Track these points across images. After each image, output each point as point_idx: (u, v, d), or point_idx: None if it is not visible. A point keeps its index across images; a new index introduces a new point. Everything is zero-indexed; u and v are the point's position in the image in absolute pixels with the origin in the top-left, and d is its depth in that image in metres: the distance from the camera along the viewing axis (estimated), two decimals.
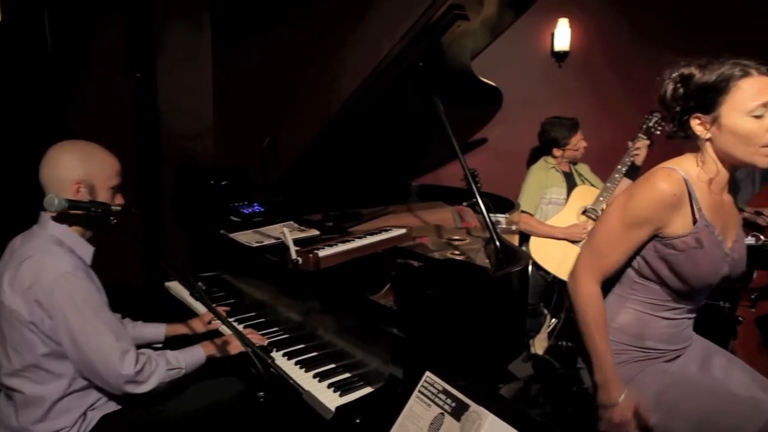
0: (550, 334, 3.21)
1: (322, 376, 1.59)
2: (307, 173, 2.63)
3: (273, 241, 2.14)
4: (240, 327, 1.93)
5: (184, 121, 3.33)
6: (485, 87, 2.49)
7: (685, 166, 1.45)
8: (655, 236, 1.45)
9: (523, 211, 3.01)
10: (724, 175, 1.45)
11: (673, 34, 3.49)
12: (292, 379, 1.46)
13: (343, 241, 1.93)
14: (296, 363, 1.68)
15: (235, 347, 1.70)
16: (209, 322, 1.95)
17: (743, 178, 3.17)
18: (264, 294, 2.07)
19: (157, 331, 1.94)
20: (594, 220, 2.99)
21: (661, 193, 1.39)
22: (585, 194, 3.06)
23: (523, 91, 3.46)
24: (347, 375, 1.61)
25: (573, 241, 2.98)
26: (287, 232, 1.80)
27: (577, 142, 3.10)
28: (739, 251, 1.51)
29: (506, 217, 2.41)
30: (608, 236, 1.48)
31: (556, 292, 3.16)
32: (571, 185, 3.13)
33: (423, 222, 2.55)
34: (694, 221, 1.42)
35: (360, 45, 3.38)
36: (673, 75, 1.45)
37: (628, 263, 1.52)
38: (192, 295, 1.50)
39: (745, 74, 1.33)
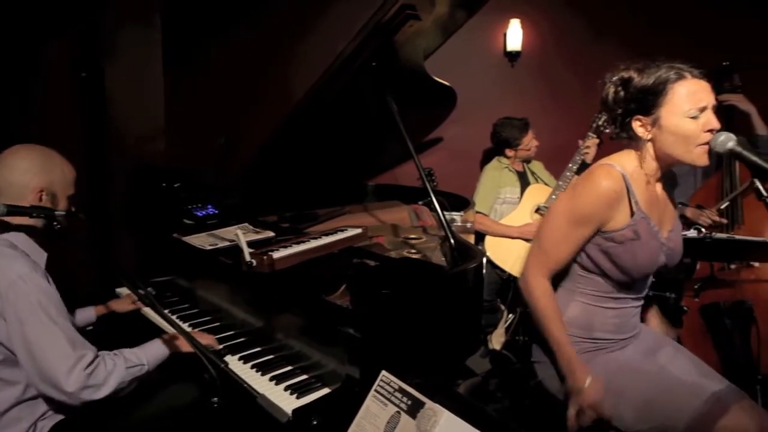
0: (507, 329, 3.27)
1: (278, 379, 1.57)
2: (262, 174, 2.60)
3: (227, 243, 2.10)
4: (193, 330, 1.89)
5: (134, 121, 3.23)
6: (439, 86, 2.51)
7: (622, 161, 1.51)
8: (598, 231, 1.50)
9: (477, 212, 3.06)
10: (661, 171, 1.53)
11: (624, 33, 3.61)
12: (246, 383, 1.44)
13: (298, 242, 1.91)
14: (252, 366, 1.65)
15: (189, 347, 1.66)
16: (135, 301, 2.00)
17: (685, 173, 3.30)
18: (219, 298, 2.03)
19: (87, 314, 1.96)
20: None
21: (604, 191, 1.44)
22: (538, 193, 3.13)
23: (477, 91, 3.51)
24: (304, 377, 1.59)
25: (527, 240, 3.04)
26: (241, 234, 1.77)
27: (529, 142, 3.16)
28: (674, 241, 1.58)
29: (461, 215, 2.44)
30: (554, 235, 1.52)
31: (512, 289, 3.22)
32: (524, 184, 3.20)
33: (379, 221, 2.56)
34: (632, 214, 1.48)
35: (316, 44, 3.36)
36: (614, 79, 1.51)
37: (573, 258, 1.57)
38: (141, 301, 1.46)
39: (680, 78, 1.40)
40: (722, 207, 3.01)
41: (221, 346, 1.76)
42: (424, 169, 3.17)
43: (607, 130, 1.59)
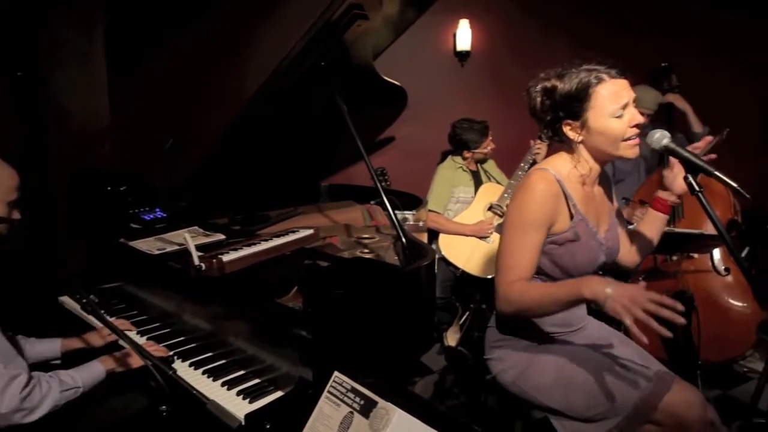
0: (461, 326, 3.31)
1: (230, 384, 1.55)
2: (212, 176, 2.55)
3: (176, 247, 2.05)
4: (142, 339, 1.83)
5: (76, 122, 3.11)
6: (389, 86, 2.52)
7: (556, 165, 1.56)
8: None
9: (431, 210, 3.08)
10: (596, 170, 1.58)
11: (572, 29, 3.73)
12: (195, 389, 1.41)
13: (249, 245, 1.89)
14: (204, 372, 1.62)
15: (137, 360, 1.61)
16: (109, 334, 1.84)
17: (630, 170, 3.43)
18: (168, 303, 1.98)
19: (52, 347, 1.79)
20: (500, 215, 3.11)
21: (542, 194, 1.48)
22: (491, 191, 3.18)
23: (428, 91, 3.55)
24: (257, 381, 1.57)
25: (481, 237, 3.09)
26: (189, 238, 1.73)
27: (487, 145, 3.21)
28: (612, 239, 1.64)
29: (413, 214, 2.46)
30: (511, 246, 1.51)
31: (466, 286, 3.26)
32: (478, 183, 3.24)
33: (332, 222, 2.55)
34: (571, 216, 1.53)
35: (266, 44, 3.32)
36: (538, 88, 1.55)
37: None
38: (83, 309, 1.41)
39: (600, 80, 1.45)
40: None
41: (171, 353, 1.72)
42: (377, 168, 3.20)
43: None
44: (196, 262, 1.71)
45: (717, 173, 1.26)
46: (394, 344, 1.70)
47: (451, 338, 3.29)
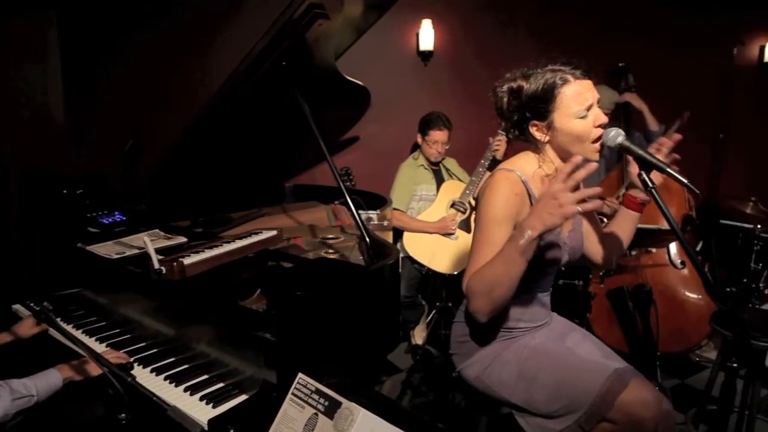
0: (428, 324, 3.33)
1: (193, 389, 1.52)
2: (173, 178, 2.50)
3: (136, 251, 2.01)
4: (102, 346, 1.79)
5: (31, 124, 3.01)
6: (352, 86, 2.52)
7: (520, 165, 1.57)
8: None
9: (395, 209, 3.09)
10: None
11: (532, 23, 3.79)
12: (156, 395, 1.38)
13: (211, 247, 1.86)
14: (165, 378, 1.59)
15: (95, 368, 1.57)
16: (38, 324, 1.80)
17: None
18: (129, 308, 1.94)
19: None
20: (462, 212, 3.14)
21: (507, 191, 1.49)
22: (453, 188, 3.21)
23: (392, 90, 3.56)
24: (221, 385, 1.55)
25: (445, 234, 3.11)
26: (148, 241, 1.69)
27: (436, 140, 3.20)
28: (576, 239, 1.67)
29: (377, 214, 2.46)
30: (479, 246, 1.51)
31: (431, 284, 3.28)
32: (439, 181, 3.27)
33: (297, 222, 2.53)
34: None
35: (229, 43, 3.27)
36: (504, 88, 1.57)
37: None
38: (37, 317, 1.36)
39: (566, 82, 1.47)
40: (621, 195, 3.22)
41: (132, 359, 1.68)
42: (342, 168, 3.20)
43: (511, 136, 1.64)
44: (156, 265, 1.67)
45: (669, 170, 1.30)
46: (360, 344, 1.70)
47: (418, 336, 3.31)
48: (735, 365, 1.27)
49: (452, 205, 3.16)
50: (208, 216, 2.47)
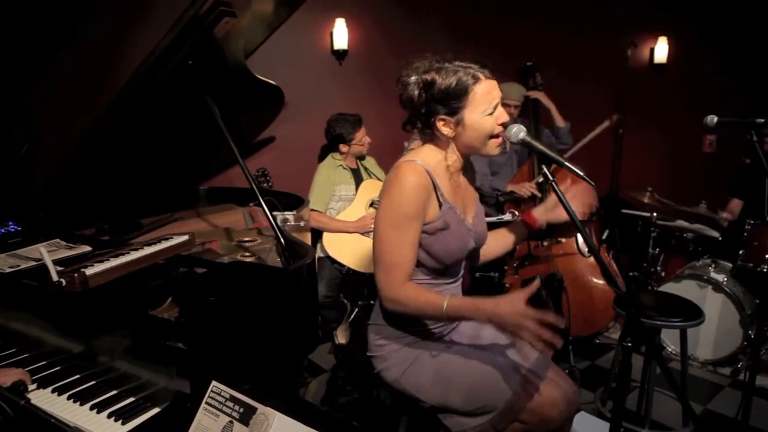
0: (351, 323, 3.34)
1: (100, 406, 1.44)
2: (75, 183, 2.35)
3: (33, 263, 1.87)
4: None
5: None
6: (265, 86, 2.47)
7: (423, 156, 1.60)
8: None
9: (313, 209, 3.07)
10: (461, 161, 1.65)
11: (445, 17, 3.90)
12: (54, 417, 1.29)
13: (117, 255, 1.76)
14: (69, 397, 1.49)
15: None
16: None
17: (504, 163, 3.65)
18: (26, 325, 1.80)
19: None
20: None
21: (414, 184, 1.51)
22: (372, 188, 3.23)
23: (307, 90, 3.54)
24: (131, 399, 1.48)
25: (364, 233, 3.13)
26: (45, 252, 1.59)
27: (362, 138, 3.24)
28: (480, 225, 1.73)
29: (294, 214, 2.43)
30: (391, 244, 1.53)
31: (352, 283, 3.29)
32: (358, 181, 3.28)
33: (212, 226, 2.46)
34: (440, 206, 1.58)
35: (136, 43, 3.10)
36: (415, 79, 1.58)
37: None
38: None
39: (477, 80, 1.52)
40: (538, 182, 3.38)
41: (31, 379, 1.56)
42: (259, 169, 3.14)
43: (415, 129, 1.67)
44: (55, 277, 1.57)
45: (566, 163, 1.37)
46: (278, 347, 1.68)
47: (342, 336, 3.31)
48: (630, 344, 1.36)
49: (371, 205, 3.18)
50: (115, 223, 2.34)
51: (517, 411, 1.53)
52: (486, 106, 1.52)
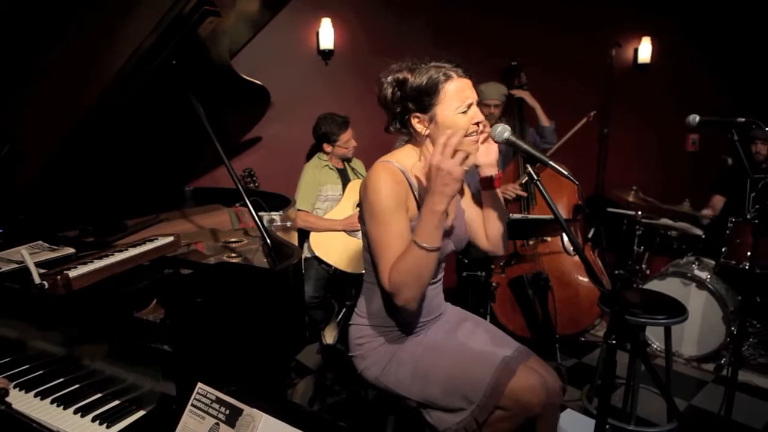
0: (338, 323, 3.33)
1: (84, 410, 1.42)
2: (58, 184, 2.32)
3: (15, 265, 1.85)
4: None
5: None
6: (250, 86, 2.46)
7: (399, 158, 1.62)
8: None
9: (300, 210, 3.06)
10: None
11: (430, 17, 3.90)
12: (35, 422, 1.28)
13: (101, 257, 1.75)
14: (53, 401, 1.47)
15: None
16: None
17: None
18: (9, 329, 1.77)
19: None
20: None
21: (388, 179, 1.52)
22: (359, 188, 3.22)
23: (294, 90, 3.52)
24: (116, 402, 1.46)
25: (351, 233, 3.12)
26: (26, 254, 1.56)
27: (347, 140, 3.22)
28: (459, 227, 1.72)
29: (280, 215, 2.42)
30: (379, 242, 1.51)
31: (339, 283, 3.29)
32: (345, 181, 3.27)
33: (198, 227, 2.45)
34: (418, 206, 1.58)
35: (119, 43, 3.07)
36: (389, 79, 1.60)
37: (366, 252, 1.65)
38: None
39: (448, 78, 1.54)
40: (522, 182, 3.39)
41: (11, 385, 1.54)
42: (245, 169, 3.12)
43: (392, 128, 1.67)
44: (37, 280, 1.55)
45: (551, 163, 1.38)
46: (265, 348, 1.67)
47: (329, 336, 3.31)
48: (614, 342, 1.38)
49: (358, 205, 3.17)
50: (99, 224, 2.32)
51: (497, 398, 1.54)
52: (458, 103, 1.53)
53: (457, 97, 1.53)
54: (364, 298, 1.73)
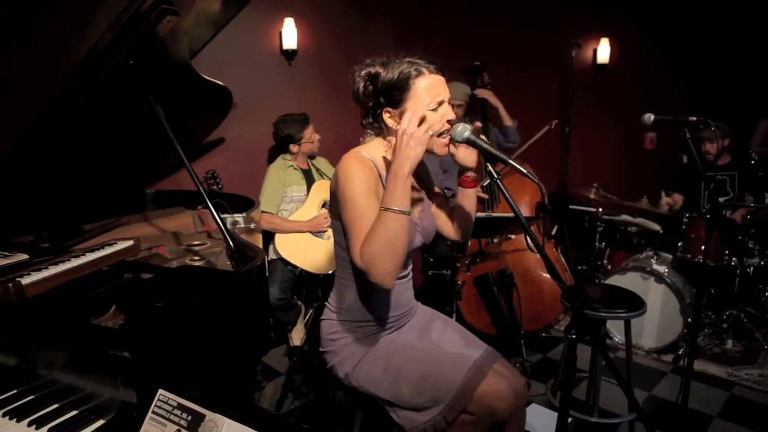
0: (305, 324, 3.32)
1: (40, 422, 1.38)
2: (10, 188, 2.24)
3: None
4: None
5: None
6: (211, 86, 2.43)
7: (370, 150, 1.63)
8: None
9: (264, 211, 3.03)
10: None
11: (395, 16, 3.92)
12: None
13: (57, 263, 1.69)
14: (5, 414, 1.42)
15: None
16: None
17: (454, 162, 3.70)
18: None
19: None
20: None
21: (359, 166, 1.52)
22: (323, 188, 3.21)
23: (257, 90, 3.49)
24: (74, 413, 1.42)
25: (317, 234, 3.11)
26: None
27: (311, 135, 3.20)
28: (427, 220, 1.74)
29: (244, 216, 2.40)
30: (359, 219, 1.49)
31: (306, 284, 3.27)
32: (310, 181, 3.25)
33: (159, 230, 2.40)
34: None
35: (76, 43, 2.97)
36: (362, 73, 1.61)
37: (339, 247, 1.65)
38: None
39: (420, 74, 1.54)
40: (484, 185, 3.43)
41: None
42: (208, 171, 3.08)
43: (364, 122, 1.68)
44: None
45: (510, 161, 1.40)
46: (230, 351, 1.65)
47: (296, 338, 3.29)
48: (574, 336, 1.41)
49: (324, 205, 3.16)
50: (55, 229, 2.25)
51: (466, 400, 1.55)
52: (429, 100, 1.53)
53: (428, 93, 1.53)
54: (336, 293, 1.72)
